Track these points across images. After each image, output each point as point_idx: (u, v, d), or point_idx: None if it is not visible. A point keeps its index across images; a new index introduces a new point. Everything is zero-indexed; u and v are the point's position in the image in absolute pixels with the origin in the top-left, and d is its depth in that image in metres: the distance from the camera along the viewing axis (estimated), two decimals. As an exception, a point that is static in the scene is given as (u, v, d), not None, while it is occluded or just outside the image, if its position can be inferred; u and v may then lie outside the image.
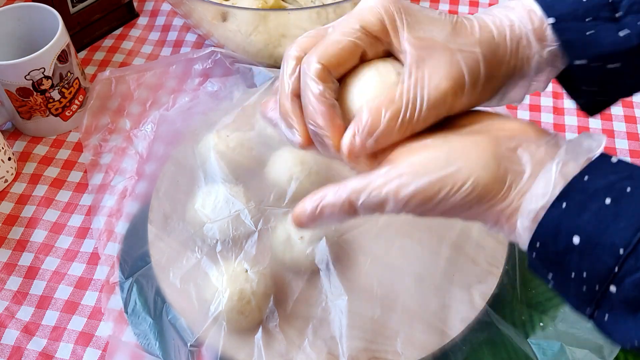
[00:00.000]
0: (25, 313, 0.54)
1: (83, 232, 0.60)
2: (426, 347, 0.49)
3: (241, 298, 0.48)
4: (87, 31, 0.75)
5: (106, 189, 0.61)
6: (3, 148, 0.62)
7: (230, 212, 0.52)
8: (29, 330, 0.53)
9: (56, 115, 0.66)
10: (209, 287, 0.49)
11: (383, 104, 0.36)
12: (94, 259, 0.58)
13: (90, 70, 0.74)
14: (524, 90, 0.41)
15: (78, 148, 0.66)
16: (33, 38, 0.65)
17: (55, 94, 0.64)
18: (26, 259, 0.58)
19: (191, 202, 0.55)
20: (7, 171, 0.63)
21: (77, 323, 0.54)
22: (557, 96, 0.70)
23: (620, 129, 0.68)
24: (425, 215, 0.36)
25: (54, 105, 0.65)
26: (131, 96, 0.67)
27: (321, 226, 0.40)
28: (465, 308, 0.50)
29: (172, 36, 0.78)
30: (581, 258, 0.32)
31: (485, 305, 0.50)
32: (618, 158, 0.34)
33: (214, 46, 0.68)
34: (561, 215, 0.32)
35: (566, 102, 0.69)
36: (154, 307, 0.52)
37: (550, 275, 0.34)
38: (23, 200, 0.62)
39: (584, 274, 0.32)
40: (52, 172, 0.64)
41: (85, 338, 0.53)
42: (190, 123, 0.62)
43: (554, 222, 0.32)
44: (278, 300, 0.50)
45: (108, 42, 0.77)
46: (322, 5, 0.65)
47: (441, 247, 0.53)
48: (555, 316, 0.51)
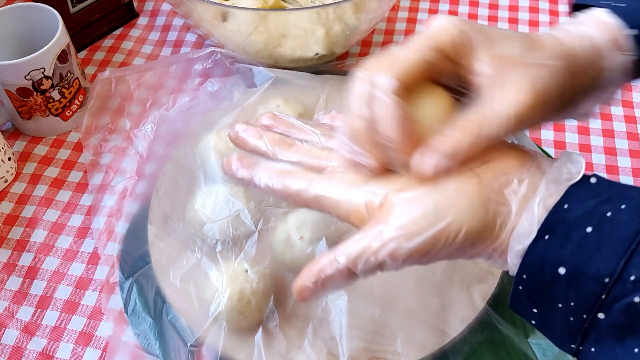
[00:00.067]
0: (25, 313, 0.54)
1: (83, 232, 0.60)
2: (426, 347, 0.49)
3: (241, 298, 0.48)
4: (87, 31, 0.75)
5: (106, 189, 0.61)
6: (3, 148, 0.62)
7: (230, 212, 0.52)
8: (29, 330, 0.53)
9: (56, 115, 0.66)
10: (209, 287, 0.49)
11: (467, 128, 0.35)
12: (94, 259, 0.58)
13: (90, 70, 0.74)
14: (595, 102, 0.41)
15: (78, 148, 0.66)
16: (33, 38, 0.65)
17: (55, 94, 0.64)
18: (26, 259, 0.58)
19: (191, 202, 0.55)
20: (7, 171, 0.63)
21: (77, 323, 0.54)
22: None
23: (620, 129, 0.68)
24: (425, 264, 0.36)
25: (54, 105, 0.65)
26: (131, 96, 0.67)
27: (323, 295, 0.39)
28: (465, 308, 0.50)
29: (172, 36, 0.78)
30: (568, 288, 0.32)
31: (485, 305, 0.50)
32: (597, 177, 0.34)
33: (214, 46, 0.68)
34: (544, 247, 0.33)
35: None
36: (154, 307, 0.52)
37: (535, 310, 0.34)
38: (23, 200, 0.62)
39: (572, 304, 0.32)
40: (52, 172, 0.64)
41: (85, 338, 0.53)
42: (190, 123, 0.62)
43: (539, 255, 0.33)
44: (278, 300, 0.50)
45: (108, 42, 0.77)
46: (322, 5, 0.65)
47: (441, 247, 0.53)
48: (555, 316, 0.51)
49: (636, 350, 0.31)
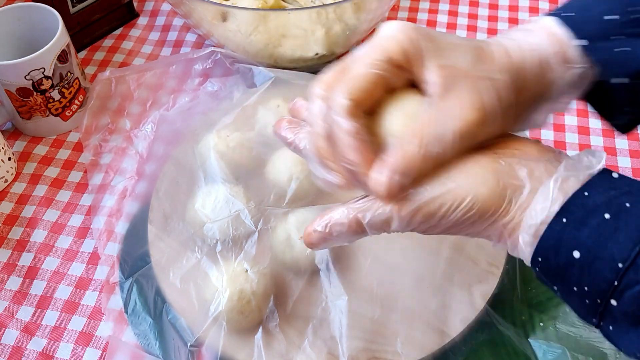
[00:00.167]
0: (25, 313, 0.54)
1: (83, 232, 0.60)
2: (426, 347, 0.49)
3: (241, 298, 0.48)
4: (87, 31, 0.75)
5: (106, 189, 0.61)
6: (3, 148, 0.62)
7: (230, 212, 0.52)
8: (29, 330, 0.53)
9: (56, 115, 0.66)
10: (209, 287, 0.49)
11: (412, 142, 0.35)
12: (94, 259, 0.58)
13: (90, 70, 0.74)
14: (547, 113, 0.41)
15: (78, 148, 0.66)
16: (33, 38, 0.65)
17: (55, 94, 0.64)
18: (26, 259, 0.58)
19: (191, 202, 0.55)
20: (7, 171, 0.63)
21: (77, 323, 0.54)
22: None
23: (620, 129, 0.68)
24: (430, 232, 0.36)
25: (54, 105, 0.65)
26: (131, 96, 0.67)
27: (331, 246, 0.40)
28: (465, 308, 0.50)
29: (172, 36, 0.78)
30: (582, 272, 0.32)
31: (485, 305, 0.50)
32: (619, 174, 0.34)
33: (214, 46, 0.68)
34: (561, 230, 0.33)
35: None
36: (154, 307, 0.52)
37: (554, 287, 0.35)
38: (23, 200, 0.62)
39: (585, 288, 0.32)
40: (52, 172, 0.64)
41: (85, 338, 0.53)
42: (190, 123, 0.62)
43: (555, 237, 0.33)
44: (278, 300, 0.50)
45: (108, 42, 0.77)
46: (322, 5, 0.65)
47: (441, 247, 0.53)
48: (555, 316, 0.51)
49: None
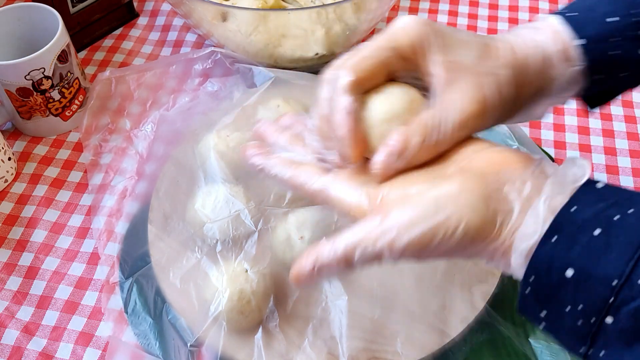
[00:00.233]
0: (25, 313, 0.54)
1: (83, 232, 0.60)
2: (426, 347, 0.48)
3: (241, 298, 0.48)
4: (87, 31, 0.75)
5: (106, 189, 0.61)
6: (3, 148, 0.62)
7: (230, 212, 0.52)
8: (29, 330, 0.53)
9: (56, 115, 0.66)
10: (209, 287, 0.49)
11: (413, 127, 0.37)
12: (94, 259, 0.58)
13: (90, 70, 0.74)
14: (546, 107, 0.43)
15: (78, 148, 0.66)
16: (33, 38, 0.65)
17: (55, 94, 0.64)
18: (26, 259, 0.58)
19: (191, 202, 0.55)
20: (7, 171, 0.63)
21: (77, 323, 0.54)
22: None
23: (620, 129, 0.68)
24: (423, 260, 0.36)
25: (54, 105, 0.65)
26: (131, 96, 0.67)
27: (321, 282, 0.41)
28: (465, 308, 0.50)
29: (172, 36, 0.78)
30: (576, 290, 0.32)
31: (485, 305, 0.50)
32: (603, 183, 0.34)
33: (214, 46, 0.68)
34: (552, 249, 0.33)
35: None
36: (154, 307, 0.52)
37: (543, 313, 0.34)
38: (23, 200, 0.62)
39: (580, 306, 0.32)
40: (52, 172, 0.64)
41: (85, 338, 0.53)
42: (190, 123, 0.62)
43: (546, 257, 0.33)
44: (278, 300, 0.50)
45: (108, 42, 0.77)
46: (322, 5, 0.65)
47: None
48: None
49: None
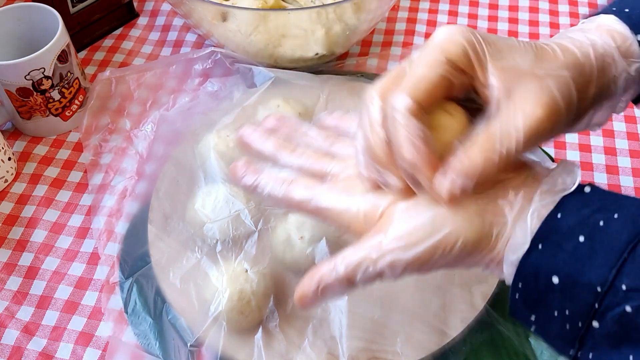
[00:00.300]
0: (25, 313, 0.54)
1: (83, 232, 0.60)
2: (426, 347, 0.49)
3: (241, 298, 0.48)
4: (87, 31, 0.75)
5: (106, 189, 0.61)
6: (3, 148, 0.62)
7: (230, 212, 0.52)
8: (29, 330, 0.53)
9: (56, 115, 0.66)
10: (209, 287, 0.49)
11: (478, 144, 0.34)
12: (94, 259, 0.58)
13: (90, 70, 0.74)
14: (610, 111, 0.40)
15: (78, 148, 0.66)
16: (33, 38, 0.65)
17: (55, 94, 0.64)
18: (26, 259, 0.58)
19: (191, 202, 0.55)
20: (7, 171, 0.63)
21: (77, 323, 0.54)
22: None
23: (620, 129, 0.67)
24: (422, 273, 0.36)
25: (54, 105, 0.65)
26: (131, 96, 0.67)
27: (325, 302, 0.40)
28: (465, 308, 0.50)
29: (172, 36, 0.78)
30: (562, 296, 0.32)
31: (485, 305, 0.50)
32: (591, 187, 0.34)
33: (214, 46, 0.68)
34: (538, 257, 0.33)
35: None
36: (154, 307, 0.52)
37: (533, 317, 0.35)
38: (23, 200, 0.62)
39: (566, 312, 0.32)
40: (52, 172, 0.64)
41: (85, 338, 0.53)
42: (190, 123, 0.62)
43: (532, 265, 0.33)
44: (278, 300, 0.50)
45: (108, 42, 0.77)
46: (322, 5, 0.65)
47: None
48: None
49: (631, 357, 0.31)
